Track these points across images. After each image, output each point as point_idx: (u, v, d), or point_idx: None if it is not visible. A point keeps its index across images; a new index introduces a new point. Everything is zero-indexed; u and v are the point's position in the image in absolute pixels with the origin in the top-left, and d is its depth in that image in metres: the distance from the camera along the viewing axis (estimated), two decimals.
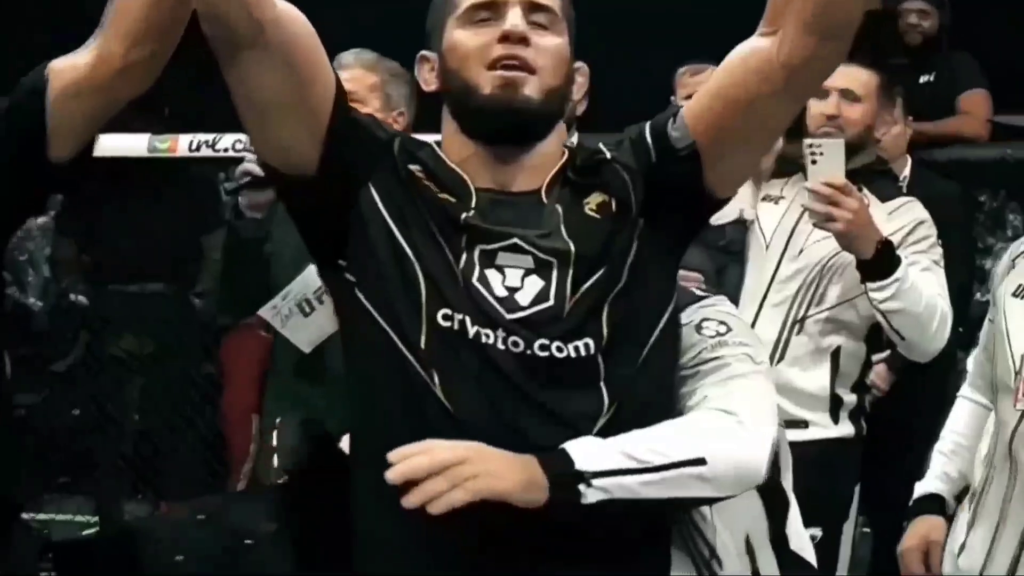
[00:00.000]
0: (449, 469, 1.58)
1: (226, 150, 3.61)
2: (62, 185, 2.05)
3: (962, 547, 2.34)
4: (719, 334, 1.83)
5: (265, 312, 2.89)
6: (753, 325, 2.91)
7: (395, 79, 2.90)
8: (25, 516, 5.01)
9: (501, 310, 1.67)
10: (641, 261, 1.74)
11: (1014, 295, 2.33)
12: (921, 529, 2.49)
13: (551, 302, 1.69)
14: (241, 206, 2.92)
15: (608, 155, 1.80)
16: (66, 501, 5.97)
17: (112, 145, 3.79)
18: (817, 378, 3.03)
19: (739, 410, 1.73)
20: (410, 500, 1.57)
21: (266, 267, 2.95)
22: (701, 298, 1.88)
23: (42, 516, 5.68)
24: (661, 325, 1.75)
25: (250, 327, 3.39)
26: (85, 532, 5.39)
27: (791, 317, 3.04)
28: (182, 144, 3.76)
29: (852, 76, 3.14)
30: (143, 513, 5.80)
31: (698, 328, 1.83)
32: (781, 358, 3.00)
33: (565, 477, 1.61)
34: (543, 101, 1.73)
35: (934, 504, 2.51)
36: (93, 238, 4.79)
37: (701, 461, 1.66)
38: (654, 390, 1.75)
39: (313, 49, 1.72)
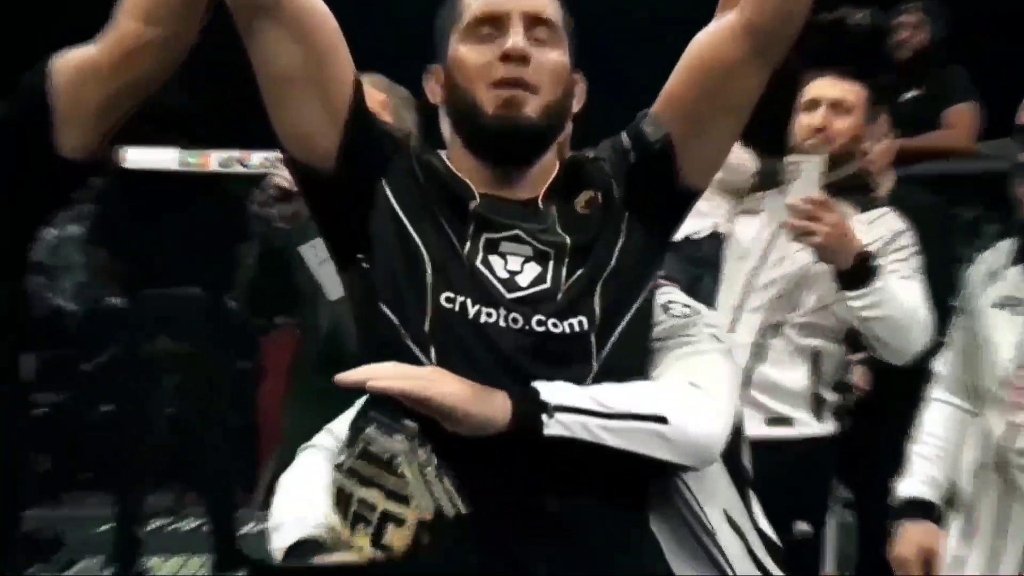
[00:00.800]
0: (405, 371, 1.63)
1: (256, 167, 3.59)
2: (82, 184, 1.92)
3: (958, 559, 2.34)
4: (685, 315, 1.87)
5: (304, 249, 2.95)
6: (731, 330, 2.91)
7: (404, 102, 2.94)
8: (38, 513, 5.08)
9: (503, 290, 1.71)
10: (630, 246, 1.79)
11: (996, 306, 2.32)
12: (915, 536, 2.46)
13: (548, 284, 1.73)
14: (272, 218, 3.00)
15: (592, 156, 1.86)
16: (86, 498, 6.02)
17: (143, 159, 3.81)
18: (797, 378, 2.99)
19: (703, 383, 1.76)
20: (346, 377, 1.61)
21: (294, 273, 3.02)
22: (661, 285, 1.91)
23: (59, 513, 5.68)
24: (639, 301, 1.79)
25: (289, 327, 3.46)
26: (99, 529, 5.35)
27: (768, 322, 3.01)
28: (213, 160, 3.75)
29: (843, 88, 3.10)
30: (167, 503, 5.80)
31: (665, 308, 1.87)
32: (761, 360, 2.98)
33: (529, 404, 1.62)
34: (543, 118, 1.76)
35: (923, 510, 2.48)
36: (127, 247, 4.72)
37: (663, 419, 1.67)
38: (634, 360, 1.79)
39: (331, 30, 1.73)
